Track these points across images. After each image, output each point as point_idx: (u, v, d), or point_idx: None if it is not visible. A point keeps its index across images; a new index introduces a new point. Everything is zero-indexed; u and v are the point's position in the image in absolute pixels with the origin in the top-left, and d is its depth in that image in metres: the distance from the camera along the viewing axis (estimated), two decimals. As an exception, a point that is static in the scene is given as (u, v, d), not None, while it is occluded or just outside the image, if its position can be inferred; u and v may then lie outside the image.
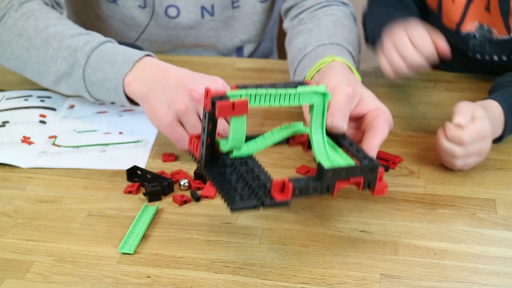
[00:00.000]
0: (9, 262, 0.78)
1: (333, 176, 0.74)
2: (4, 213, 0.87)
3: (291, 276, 0.76)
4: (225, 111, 0.74)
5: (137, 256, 0.79)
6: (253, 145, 0.81)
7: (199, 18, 1.29)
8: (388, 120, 0.86)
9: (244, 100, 0.74)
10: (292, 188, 0.72)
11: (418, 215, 0.85)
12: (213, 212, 0.86)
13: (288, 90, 0.78)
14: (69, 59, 0.99)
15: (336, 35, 1.06)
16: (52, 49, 1.01)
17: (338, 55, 0.99)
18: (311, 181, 0.74)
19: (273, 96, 0.77)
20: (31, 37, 1.03)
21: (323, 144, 0.81)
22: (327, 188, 0.75)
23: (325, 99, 0.79)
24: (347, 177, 0.75)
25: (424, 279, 0.75)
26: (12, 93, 1.15)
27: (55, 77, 1.02)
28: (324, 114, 0.81)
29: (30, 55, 1.03)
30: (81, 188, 0.92)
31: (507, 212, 0.86)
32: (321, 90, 0.79)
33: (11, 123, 1.06)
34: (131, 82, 0.95)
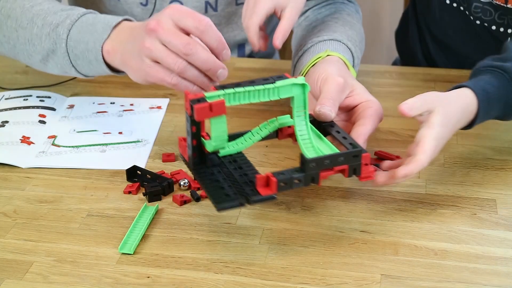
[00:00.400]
0: (9, 262, 0.78)
1: (316, 166, 0.75)
2: (3, 213, 0.87)
3: (291, 276, 0.75)
4: (203, 114, 0.75)
5: (137, 256, 0.79)
6: (242, 141, 0.83)
7: (202, 13, 1.29)
8: (379, 112, 0.88)
9: (220, 100, 0.76)
10: (276, 182, 0.73)
11: (418, 215, 0.85)
12: (213, 212, 0.86)
13: (267, 86, 0.79)
14: (52, 35, 0.99)
15: (337, 31, 1.06)
16: (37, 27, 1.01)
17: (335, 51, 0.99)
18: (295, 173, 0.75)
19: (252, 93, 0.78)
20: (17, 17, 1.03)
21: (308, 135, 0.82)
22: (311, 178, 0.76)
23: (305, 90, 0.80)
24: (330, 165, 0.76)
25: (424, 279, 0.75)
26: (11, 93, 1.15)
27: (41, 56, 1.01)
28: (306, 105, 0.82)
29: (18, 36, 1.03)
30: (81, 188, 0.92)
31: (507, 212, 0.86)
32: (299, 81, 0.80)
33: (10, 123, 1.06)
34: (110, 51, 0.95)
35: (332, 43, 1.02)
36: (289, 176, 0.74)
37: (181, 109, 1.12)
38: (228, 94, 0.78)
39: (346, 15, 1.13)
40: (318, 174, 0.76)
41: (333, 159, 0.76)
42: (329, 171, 0.77)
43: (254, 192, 0.74)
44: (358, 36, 1.10)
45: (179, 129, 1.06)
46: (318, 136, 0.83)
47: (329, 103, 0.84)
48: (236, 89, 0.78)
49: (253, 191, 0.74)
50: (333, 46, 1.02)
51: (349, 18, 1.13)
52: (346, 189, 0.90)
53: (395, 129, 1.05)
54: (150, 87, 1.18)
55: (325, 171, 0.76)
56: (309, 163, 0.75)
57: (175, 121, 1.08)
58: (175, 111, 1.11)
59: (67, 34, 0.98)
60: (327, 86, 0.86)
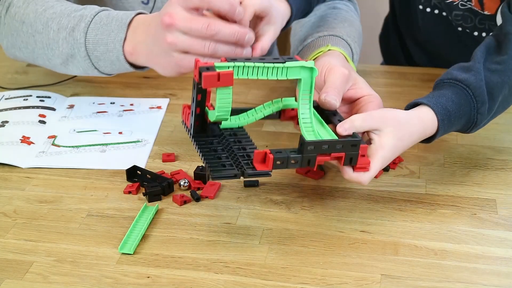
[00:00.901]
0: (9, 262, 0.78)
1: (314, 149, 0.77)
2: (3, 213, 0.87)
3: (291, 276, 0.75)
4: (210, 82, 0.76)
5: (136, 256, 0.79)
6: (244, 117, 0.84)
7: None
8: (380, 106, 0.89)
9: (229, 71, 0.76)
10: (273, 159, 0.75)
11: (418, 215, 0.85)
12: (213, 212, 0.86)
13: (276, 64, 0.79)
14: (69, 39, 0.99)
15: (337, 28, 1.07)
16: (53, 31, 1.00)
17: (336, 46, 1.00)
18: (292, 153, 0.76)
19: (260, 69, 0.79)
20: (32, 22, 1.03)
21: (310, 119, 0.83)
22: (308, 161, 0.77)
23: (313, 74, 0.81)
24: (328, 151, 0.77)
25: (424, 279, 0.75)
26: (11, 92, 1.15)
27: (61, 60, 1.01)
28: (312, 89, 0.82)
29: (35, 41, 1.03)
30: (81, 188, 0.92)
31: (507, 212, 0.86)
32: (309, 64, 0.81)
33: (10, 123, 1.06)
34: (132, 52, 0.95)
35: (332, 39, 1.03)
36: (286, 155, 0.76)
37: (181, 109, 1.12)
38: (237, 67, 0.78)
39: (344, 13, 1.14)
40: (315, 158, 0.77)
41: (331, 145, 0.77)
42: (326, 156, 0.78)
43: (250, 166, 0.76)
44: (356, 32, 1.11)
45: (179, 129, 1.06)
46: (320, 122, 0.84)
47: (334, 92, 0.85)
48: (246, 63, 0.78)
49: (248, 165, 0.76)
50: (333, 41, 1.03)
51: (348, 15, 1.14)
52: (346, 189, 0.90)
53: (395, 129, 1.05)
54: (150, 87, 1.18)
55: (322, 156, 0.78)
56: (308, 145, 0.76)
57: (175, 121, 1.08)
58: (175, 111, 1.11)
59: (84, 38, 0.98)
60: (332, 76, 0.88)
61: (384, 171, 0.94)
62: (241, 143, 0.81)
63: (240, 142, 0.81)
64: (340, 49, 0.99)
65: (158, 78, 1.25)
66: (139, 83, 1.22)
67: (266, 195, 0.89)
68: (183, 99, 1.15)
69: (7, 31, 1.06)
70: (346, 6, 1.17)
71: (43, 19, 1.02)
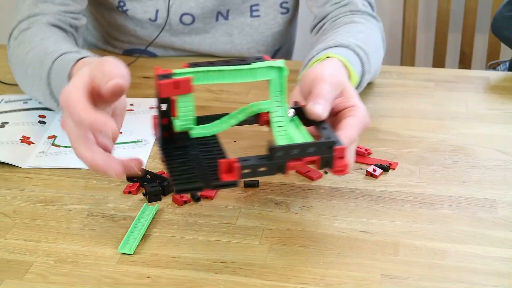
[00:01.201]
0: (8, 262, 0.78)
1: (283, 155, 0.71)
2: (3, 213, 0.87)
3: (291, 276, 0.75)
4: (168, 90, 0.73)
5: (136, 256, 0.79)
6: (218, 124, 0.80)
7: (213, 22, 1.29)
8: (361, 119, 0.81)
9: (187, 78, 0.73)
10: (240, 168, 0.70)
11: (418, 215, 0.85)
12: (213, 212, 0.86)
13: (241, 66, 0.76)
14: (41, 87, 0.99)
15: (347, 39, 1.02)
16: (32, 77, 1.02)
17: (337, 54, 0.95)
18: (260, 160, 0.71)
19: (225, 73, 0.76)
20: (20, 64, 1.06)
21: (283, 122, 0.79)
22: (278, 167, 0.71)
23: (283, 73, 0.78)
24: (299, 155, 0.72)
25: (424, 279, 0.75)
26: (11, 96, 1.15)
27: (43, 100, 1.02)
28: (283, 90, 0.78)
29: (27, 83, 1.05)
30: (81, 188, 0.92)
31: (508, 212, 0.86)
32: (277, 64, 0.77)
33: (10, 124, 1.06)
34: None
35: (337, 49, 0.98)
36: (253, 163, 0.70)
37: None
38: (199, 72, 0.75)
39: (361, 26, 1.10)
40: (285, 164, 0.71)
41: (302, 149, 0.71)
42: (298, 161, 0.72)
43: (216, 177, 0.71)
44: (372, 44, 1.04)
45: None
46: (296, 125, 0.79)
47: (321, 101, 0.80)
48: (209, 68, 0.75)
49: (215, 176, 0.71)
50: (336, 50, 0.97)
51: (364, 28, 1.09)
52: (346, 189, 0.90)
53: (395, 129, 1.05)
54: (150, 87, 1.18)
55: (294, 161, 0.72)
56: (276, 151, 0.70)
57: (175, 121, 1.08)
58: (175, 111, 1.11)
59: (50, 91, 0.98)
60: (319, 85, 0.82)
61: (384, 171, 0.94)
62: (211, 152, 0.76)
63: (210, 151, 0.76)
64: (339, 56, 0.94)
65: (158, 78, 1.25)
66: (139, 83, 1.22)
67: (266, 195, 0.89)
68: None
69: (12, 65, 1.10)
70: (365, 20, 1.12)
71: (26, 62, 1.03)
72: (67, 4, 1.14)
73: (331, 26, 1.14)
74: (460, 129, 1.05)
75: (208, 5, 1.27)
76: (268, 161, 0.71)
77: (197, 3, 1.26)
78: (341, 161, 0.73)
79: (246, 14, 1.30)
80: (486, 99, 1.15)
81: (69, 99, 0.75)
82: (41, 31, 1.07)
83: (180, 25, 1.28)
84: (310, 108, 0.78)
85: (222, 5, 1.27)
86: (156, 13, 1.27)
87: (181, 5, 1.26)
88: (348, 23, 1.11)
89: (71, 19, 1.14)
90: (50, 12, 1.11)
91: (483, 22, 2.08)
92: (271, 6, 1.30)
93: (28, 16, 1.11)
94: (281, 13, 1.31)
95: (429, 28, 2.27)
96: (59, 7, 1.13)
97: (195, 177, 0.72)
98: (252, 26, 1.31)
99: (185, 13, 1.27)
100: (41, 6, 1.12)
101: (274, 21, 1.32)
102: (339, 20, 1.14)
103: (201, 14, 1.27)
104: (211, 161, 0.74)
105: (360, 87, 1.02)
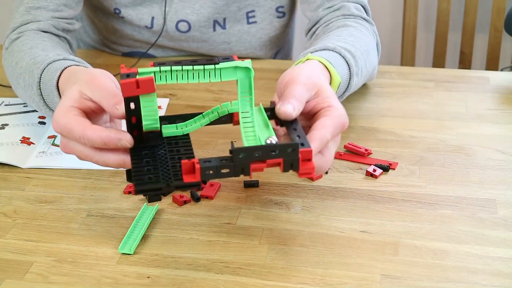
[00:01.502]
0: (9, 262, 0.78)
1: (245, 157, 0.70)
2: (3, 213, 0.87)
3: (291, 276, 0.75)
4: (129, 90, 0.72)
5: (136, 256, 0.79)
6: (191, 123, 0.80)
7: (210, 32, 1.29)
8: (336, 119, 0.78)
9: (149, 77, 0.72)
10: (201, 169, 0.69)
11: (418, 215, 0.85)
12: (213, 212, 0.86)
13: (207, 66, 0.75)
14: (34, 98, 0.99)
15: (334, 43, 0.99)
16: (22, 88, 1.02)
17: (318, 56, 0.93)
18: (223, 161, 0.70)
19: (190, 72, 0.75)
20: (11, 76, 1.06)
21: (251, 122, 0.78)
22: (241, 169, 0.71)
23: (250, 74, 0.77)
24: (262, 158, 0.71)
25: (424, 279, 0.75)
26: (11, 99, 1.15)
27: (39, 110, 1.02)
28: (252, 90, 0.78)
29: (22, 94, 1.04)
30: (81, 188, 0.92)
31: (507, 212, 0.86)
32: (243, 64, 0.76)
33: (10, 125, 1.06)
34: None
35: (320, 52, 0.96)
36: (215, 165, 0.70)
37: (181, 109, 1.12)
38: (162, 72, 0.75)
39: (352, 29, 1.08)
40: (249, 166, 0.71)
41: (265, 151, 0.70)
42: (261, 164, 0.71)
43: (179, 178, 0.71)
44: (362, 47, 1.03)
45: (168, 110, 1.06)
46: (266, 125, 0.78)
47: (291, 101, 0.78)
48: (173, 67, 0.75)
49: (178, 176, 0.71)
50: (319, 53, 0.96)
51: (355, 31, 1.07)
52: (346, 189, 0.90)
53: (395, 129, 1.05)
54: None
55: (257, 163, 0.71)
56: (237, 153, 0.70)
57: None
58: (175, 111, 1.11)
59: (43, 100, 0.97)
60: (291, 86, 0.80)
61: (384, 171, 0.94)
62: (179, 152, 0.76)
63: (179, 151, 0.76)
64: (319, 58, 0.91)
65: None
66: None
67: (266, 195, 0.89)
68: (183, 99, 1.16)
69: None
70: (358, 24, 1.11)
71: (16, 73, 1.03)
72: (60, 10, 1.13)
73: (323, 31, 1.13)
74: (460, 129, 1.05)
75: (204, 12, 1.26)
76: (230, 162, 0.70)
77: (193, 10, 1.26)
78: (307, 163, 0.72)
79: (243, 21, 1.30)
80: (486, 99, 1.15)
81: (65, 124, 0.77)
82: (29, 39, 1.06)
83: (176, 32, 1.28)
84: (279, 108, 0.78)
85: (218, 13, 1.27)
86: (152, 21, 1.27)
87: (176, 12, 1.26)
88: (340, 27, 1.10)
89: (65, 24, 1.14)
90: (43, 19, 1.11)
91: (483, 22, 2.08)
92: (267, 12, 1.30)
93: (20, 23, 1.11)
94: (277, 17, 1.31)
95: (429, 28, 2.27)
96: (52, 13, 1.12)
97: (157, 177, 0.72)
98: (250, 33, 1.31)
99: (181, 20, 1.27)
100: (34, 12, 1.11)
101: (271, 26, 1.32)
102: (331, 24, 1.13)
103: (197, 21, 1.27)
104: (177, 161, 0.74)
105: (349, 90, 1.00)
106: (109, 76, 0.82)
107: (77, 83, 0.80)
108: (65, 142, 0.79)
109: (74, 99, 0.79)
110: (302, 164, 0.72)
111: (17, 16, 1.12)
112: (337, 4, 1.15)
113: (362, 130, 1.05)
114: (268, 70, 1.28)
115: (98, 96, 0.78)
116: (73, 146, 0.78)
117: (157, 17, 1.27)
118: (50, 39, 1.08)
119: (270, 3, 1.29)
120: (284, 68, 1.29)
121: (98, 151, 0.77)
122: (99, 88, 0.78)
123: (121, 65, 0.76)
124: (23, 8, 1.12)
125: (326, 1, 1.15)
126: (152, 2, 1.26)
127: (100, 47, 1.39)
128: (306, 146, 0.72)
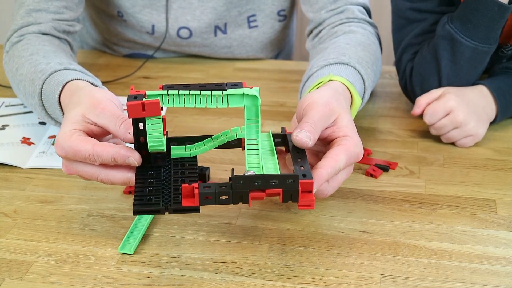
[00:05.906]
0: (9, 262, 0.78)
1: (244, 185, 0.71)
2: (4, 213, 0.87)
3: (291, 276, 0.75)
4: (135, 112, 0.73)
5: (137, 256, 0.79)
6: (200, 146, 0.81)
7: (212, 37, 1.29)
8: (348, 149, 0.78)
9: (155, 101, 0.73)
10: (200, 195, 0.70)
11: (418, 215, 0.85)
12: (213, 212, 0.86)
13: (215, 92, 0.75)
14: (36, 107, 0.98)
15: (347, 54, 0.98)
16: (23, 95, 1.02)
17: (339, 75, 0.91)
18: (222, 188, 0.71)
19: (198, 97, 0.75)
20: (12, 81, 1.05)
21: (256, 150, 0.78)
22: (240, 197, 0.71)
23: (256, 102, 0.76)
24: (261, 187, 0.71)
25: (424, 279, 0.75)
26: (11, 100, 1.15)
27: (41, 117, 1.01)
28: (258, 118, 0.78)
29: (23, 99, 1.04)
30: (81, 188, 0.92)
31: (507, 213, 0.86)
32: (251, 92, 0.75)
33: (11, 126, 1.06)
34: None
35: (338, 67, 0.95)
36: (214, 191, 0.71)
37: (181, 109, 1.12)
38: (170, 95, 0.75)
39: (360, 36, 1.07)
40: (247, 194, 0.71)
41: (265, 181, 0.71)
42: (260, 193, 0.71)
43: (178, 201, 0.72)
44: (372, 57, 1.02)
45: (179, 129, 1.06)
46: (272, 152, 0.79)
47: (309, 129, 0.77)
48: (181, 92, 0.75)
49: (178, 199, 0.72)
50: (337, 69, 0.94)
51: (363, 38, 1.06)
52: (346, 189, 0.90)
53: (395, 129, 1.06)
54: (150, 87, 1.18)
55: (256, 192, 0.71)
56: (237, 181, 0.70)
57: (175, 121, 1.08)
58: (175, 111, 1.11)
59: (44, 111, 0.96)
60: (310, 112, 0.80)
61: (384, 171, 0.94)
62: (184, 174, 0.76)
63: (184, 173, 0.76)
64: (342, 79, 0.90)
65: (158, 78, 1.25)
66: (139, 83, 1.22)
67: (266, 195, 0.89)
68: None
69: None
70: (363, 29, 1.10)
71: (17, 80, 1.03)
72: (61, 12, 1.13)
73: (328, 35, 1.11)
74: (460, 129, 1.05)
75: (205, 18, 1.26)
76: (229, 190, 0.71)
77: (194, 16, 1.26)
78: (307, 195, 0.72)
79: (244, 26, 1.30)
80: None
81: (71, 147, 0.77)
82: (30, 44, 1.06)
83: (178, 39, 1.28)
84: (296, 135, 0.77)
85: (219, 19, 1.27)
86: (152, 28, 1.27)
87: (177, 18, 1.26)
88: (347, 33, 1.09)
89: (66, 25, 1.13)
90: (44, 21, 1.11)
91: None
92: (268, 15, 1.30)
93: (21, 25, 1.10)
94: (278, 20, 1.31)
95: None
96: (53, 15, 1.12)
97: (157, 199, 0.73)
98: (251, 37, 1.31)
99: (182, 27, 1.27)
100: (34, 15, 1.11)
101: (272, 29, 1.32)
102: (336, 28, 1.11)
103: (198, 27, 1.27)
104: (180, 184, 0.74)
105: (362, 105, 0.98)
106: (111, 97, 0.83)
107: (80, 106, 0.81)
108: (68, 164, 0.80)
109: (76, 122, 0.80)
110: (301, 196, 0.72)
111: (18, 18, 1.12)
112: (341, 7, 1.14)
113: (362, 130, 1.05)
114: (269, 71, 1.29)
115: (103, 121, 0.79)
116: (77, 166, 0.80)
117: (157, 25, 1.27)
118: (51, 43, 1.07)
119: (271, 7, 1.29)
120: (285, 68, 1.30)
121: (104, 169, 0.79)
122: (104, 113, 0.79)
123: (131, 86, 0.76)
124: (24, 10, 1.12)
125: (329, 3, 1.15)
126: (152, 10, 1.26)
127: (102, 48, 1.40)
128: (307, 178, 0.72)
